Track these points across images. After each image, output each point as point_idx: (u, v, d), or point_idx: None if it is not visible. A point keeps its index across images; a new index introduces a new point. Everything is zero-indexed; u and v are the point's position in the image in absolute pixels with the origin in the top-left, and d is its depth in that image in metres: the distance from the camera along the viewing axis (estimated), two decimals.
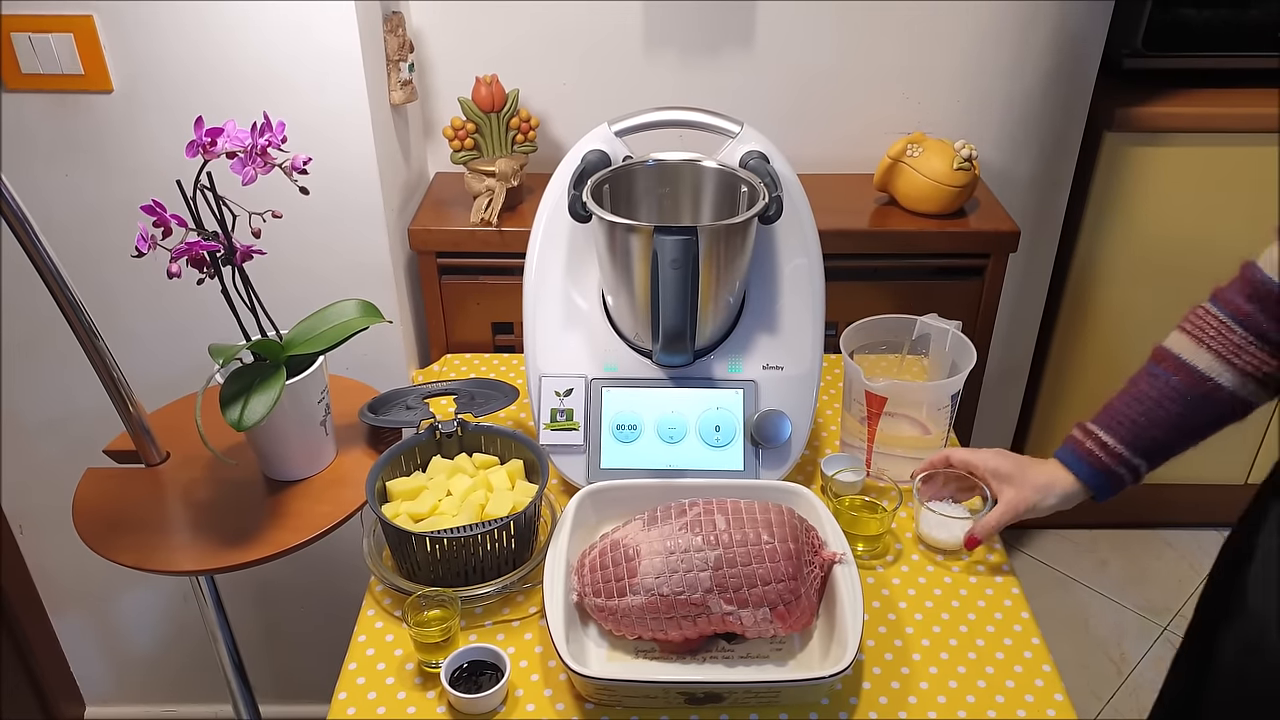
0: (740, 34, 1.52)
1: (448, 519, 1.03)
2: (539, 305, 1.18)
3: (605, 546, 0.98)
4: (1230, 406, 0.89)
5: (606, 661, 0.96)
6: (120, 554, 1.04)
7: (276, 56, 1.26)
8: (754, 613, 0.92)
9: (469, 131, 1.45)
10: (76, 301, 1.02)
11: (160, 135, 1.30)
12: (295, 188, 1.01)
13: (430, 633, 0.94)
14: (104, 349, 1.06)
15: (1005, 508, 1.01)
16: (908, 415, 1.18)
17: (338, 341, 1.09)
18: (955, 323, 1.19)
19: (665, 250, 1.02)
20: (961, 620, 1.02)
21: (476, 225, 1.46)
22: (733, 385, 1.15)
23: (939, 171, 1.47)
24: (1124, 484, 0.95)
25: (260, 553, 1.04)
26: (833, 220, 1.47)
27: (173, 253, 0.98)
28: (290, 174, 1.01)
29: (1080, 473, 0.97)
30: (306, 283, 1.38)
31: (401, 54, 1.39)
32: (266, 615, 1.75)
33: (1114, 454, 0.94)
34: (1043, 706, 0.93)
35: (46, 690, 1.76)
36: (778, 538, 0.94)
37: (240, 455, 1.16)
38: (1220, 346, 0.87)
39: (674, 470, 1.12)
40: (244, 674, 1.30)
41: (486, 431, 1.13)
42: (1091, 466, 0.96)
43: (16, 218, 0.96)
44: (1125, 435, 0.93)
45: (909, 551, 1.11)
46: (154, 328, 1.45)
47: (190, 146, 0.96)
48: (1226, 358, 0.87)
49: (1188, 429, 0.90)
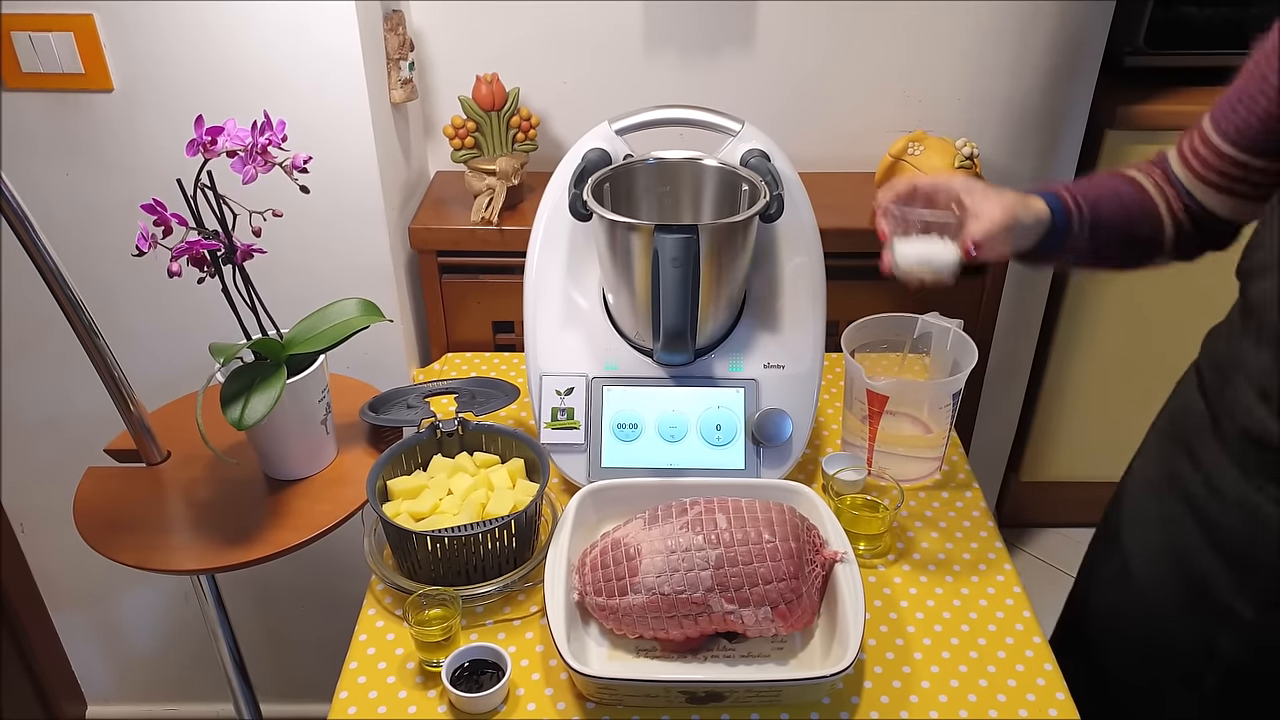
0: (741, 32, 1.52)
1: (448, 518, 1.03)
2: (539, 304, 1.18)
3: (606, 545, 0.98)
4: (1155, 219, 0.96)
5: (607, 661, 0.96)
6: (121, 553, 1.04)
7: (277, 55, 1.26)
8: (755, 612, 0.92)
9: (469, 130, 1.45)
10: (77, 300, 1.02)
11: (160, 134, 1.30)
12: (296, 187, 1.01)
13: (431, 632, 0.94)
14: (105, 348, 1.06)
15: (1001, 211, 0.93)
16: (909, 414, 1.18)
17: (338, 340, 1.09)
18: (956, 321, 1.19)
19: (666, 249, 1.02)
20: (963, 619, 1.02)
21: (477, 224, 1.46)
22: (734, 384, 1.15)
23: (940, 169, 1.47)
24: (1071, 223, 0.96)
25: (261, 552, 1.04)
26: (834, 219, 1.47)
27: (173, 251, 0.98)
28: (290, 173, 1.01)
29: (1044, 196, 0.97)
30: (307, 282, 1.38)
31: (402, 52, 1.39)
32: (267, 614, 1.75)
33: (1071, 193, 0.97)
34: (1044, 706, 0.93)
35: (48, 689, 1.76)
36: (779, 536, 0.93)
37: (241, 454, 1.16)
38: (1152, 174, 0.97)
39: (675, 469, 1.12)
40: (245, 673, 1.30)
41: (487, 430, 1.13)
42: (1054, 194, 0.97)
43: (17, 216, 0.96)
44: (1078, 189, 0.98)
45: (910, 551, 1.11)
46: (154, 327, 1.45)
47: (191, 145, 0.96)
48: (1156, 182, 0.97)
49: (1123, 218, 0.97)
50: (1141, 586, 1.02)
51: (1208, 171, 0.92)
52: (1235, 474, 0.89)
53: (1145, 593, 1.01)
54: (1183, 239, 0.97)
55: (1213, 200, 0.94)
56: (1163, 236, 0.97)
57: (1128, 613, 1.04)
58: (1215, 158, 0.91)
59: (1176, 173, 0.96)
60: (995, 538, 1.13)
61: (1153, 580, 1.00)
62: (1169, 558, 0.98)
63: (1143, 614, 1.02)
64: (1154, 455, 1.03)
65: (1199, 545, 0.94)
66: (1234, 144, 0.89)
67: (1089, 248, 0.96)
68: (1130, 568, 1.03)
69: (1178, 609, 0.97)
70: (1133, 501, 1.05)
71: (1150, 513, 1.01)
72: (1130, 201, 0.97)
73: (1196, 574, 0.94)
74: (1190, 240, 0.97)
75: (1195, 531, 0.94)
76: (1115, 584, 1.06)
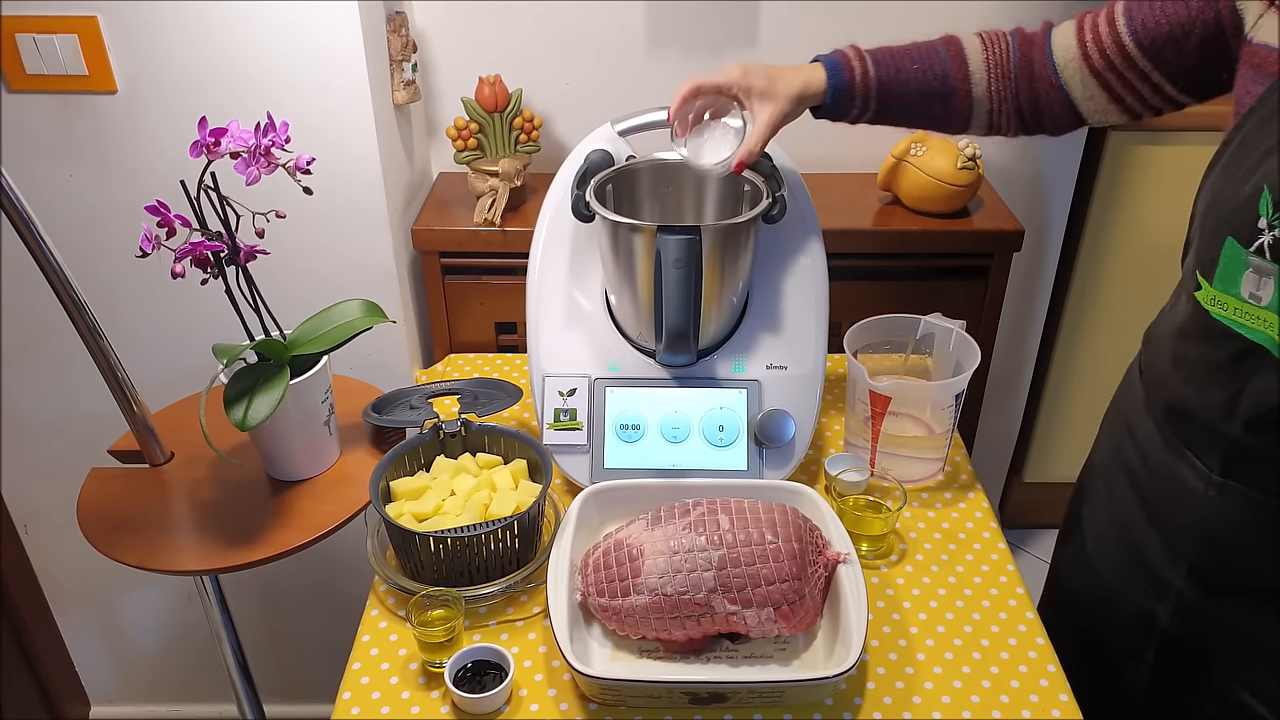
0: (743, 33, 1.52)
1: (451, 519, 1.03)
2: (542, 305, 1.18)
3: (609, 546, 0.98)
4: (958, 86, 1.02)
5: (610, 661, 0.96)
6: (125, 554, 1.05)
7: (280, 57, 1.26)
8: (758, 612, 0.92)
9: (472, 131, 1.45)
10: (81, 302, 1.03)
11: (164, 136, 1.31)
12: (299, 188, 1.01)
13: (434, 632, 0.94)
14: (108, 349, 1.06)
15: (765, 125, 1.04)
16: (912, 415, 1.18)
17: (341, 341, 1.09)
18: (959, 322, 1.19)
19: (668, 250, 1.02)
20: (966, 620, 1.02)
21: (480, 225, 1.46)
22: (736, 385, 1.15)
23: (943, 170, 1.47)
24: (851, 103, 1.04)
25: (264, 553, 1.04)
26: (836, 219, 1.47)
27: (177, 253, 0.98)
28: (294, 174, 1.01)
29: (831, 77, 1.04)
30: (310, 283, 1.39)
31: (405, 54, 1.39)
32: (271, 615, 1.75)
33: (861, 60, 1.04)
34: (1047, 707, 0.93)
35: (52, 690, 1.77)
36: (781, 537, 0.93)
37: (244, 455, 1.16)
38: (994, 63, 1.02)
39: (677, 470, 1.12)
40: (248, 674, 1.30)
41: (490, 431, 1.13)
42: (841, 76, 1.04)
43: (21, 218, 0.96)
44: (878, 56, 1.04)
45: (913, 552, 1.11)
46: (158, 328, 1.46)
47: (194, 147, 0.97)
48: (987, 53, 1.02)
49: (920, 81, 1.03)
50: (1091, 560, 1.06)
51: (1098, 55, 0.94)
52: (1160, 444, 0.93)
53: (1094, 565, 1.05)
54: (998, 116, 1.02)
55: (1081, 90, 0.97)
56: (956, 119, 1.04)
57: (1084, 586, 1.08)
58: (1113, 44, 0.93)
59: (1058, 48, 0.98)
60: (998, 539, 1.12)
61: (1100, 553, 1.05)
62: (1114, 530, 1.02)
63: (1095, 585, 1.05)
64: (1106, 435, 1.07)
65: (1136, 516, 0.98)
66: (1136, 39, 0.91)
67: (872, 119, 1.06)
68: (1086, 542, 1.07)
69: (1123, 581, 1.01)
70: (1087, 481, 1.10)
71: (1100, 489, 1.06)
72: (932, 82, 1.02)
73: (1135, 545, 0.98)
74: (1011, 117, 1.03)
75: (1134, 503, 0.98)
76: (1074, 561, 1.10)
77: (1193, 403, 0.88)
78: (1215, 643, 0.94)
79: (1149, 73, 0.93)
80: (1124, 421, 1.01)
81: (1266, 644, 0.91)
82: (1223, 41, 0.87)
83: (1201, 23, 0.87)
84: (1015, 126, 1.04)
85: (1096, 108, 0.98)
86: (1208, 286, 0.82)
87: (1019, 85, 1.01)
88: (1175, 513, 0.93)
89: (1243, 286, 0.78)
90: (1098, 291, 1.89)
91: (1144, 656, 1.00)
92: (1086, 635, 1.07)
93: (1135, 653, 1.01)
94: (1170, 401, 0.91)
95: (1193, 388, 0.87)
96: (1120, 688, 1.04)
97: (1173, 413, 0.91)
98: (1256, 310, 0.77)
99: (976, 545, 1.11)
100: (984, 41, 1.03)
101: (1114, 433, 1.04)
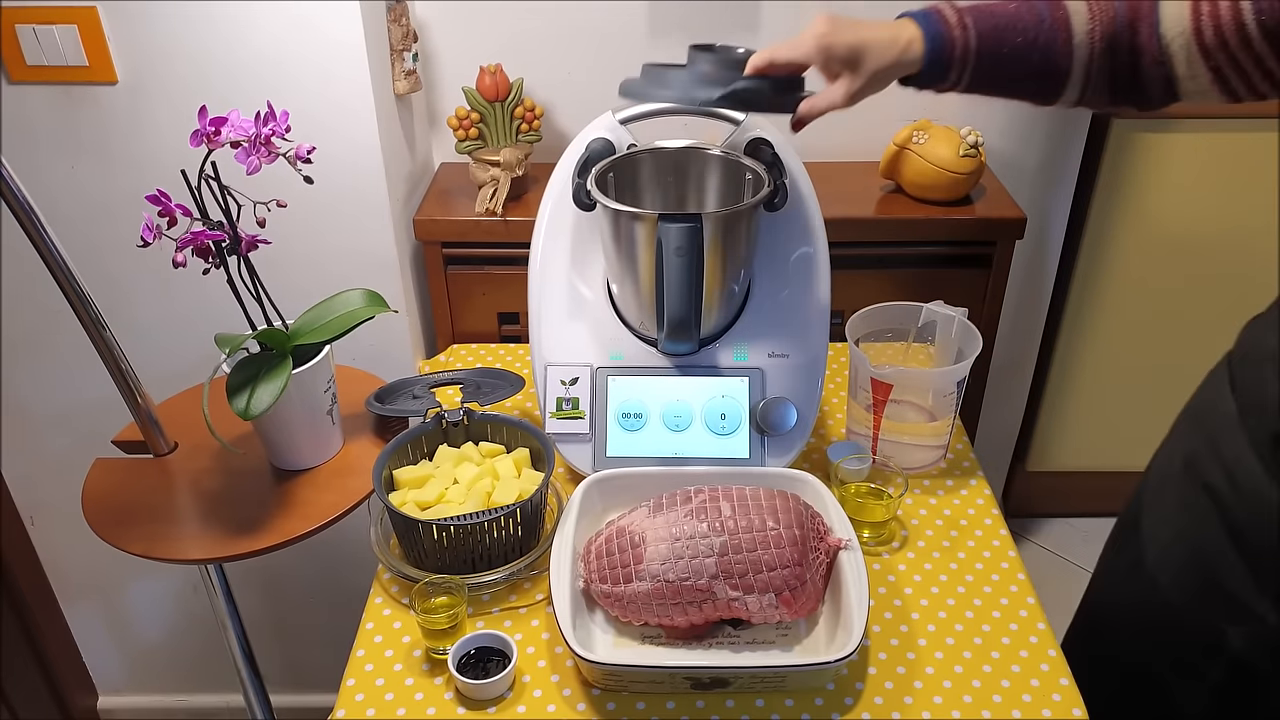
0: (745, 21, 1.52)
1: (454, 507, 1.03)
2: (544, 294, 1.18)
3: (611, 533, 0.98)
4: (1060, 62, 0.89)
5: (613, 647, 0.96)
6: (130, 543, 1.05)
7: (280, 47, 1.26)
8: (760, 598, 0.92)
9: (473, 121, 1.45)
10: (84, 293, 1.03)
11: (165, 126, 1.31)
12: (300, 177, 1.01)
13: (437, 620, 0.94)
14: (111, 340, 1.06)
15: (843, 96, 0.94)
16: (913, 402, 1.18)
17: (343, 331, 1.09)
18: (961, 310, 1.19)
19: (670, 238, 1.02)
20: (967, 606, 1.02)
21: (481, 215, 1.46)
22: (738, 373, 1.15)
23: (945, 158, 1.47)
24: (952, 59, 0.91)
25: (268, 541, 1.05)
26: (838, 207, 1.47)
27: (178, 242, 0.98)
28: (294, 163, 1.01)
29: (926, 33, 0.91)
30: (312, 273, 1.39)
31: (405, 44, 1.39)
32: (275, 605, 1.75)
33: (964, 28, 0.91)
34: (1047, 692, 0.93)
35: (59, 680, 1.78)
36: (783, 524, 0.94)
37: (247, 445, 1.17)
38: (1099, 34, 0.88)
39: (680, 458, 1.12)
40: (254, 663, 1.31)
41: (493, 420, 1.13)
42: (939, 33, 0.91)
43: (23, 209, 0.96)
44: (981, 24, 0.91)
45: (915, 539, 1.11)
46: (160, 318, 1.46)
47: (194, 136, 0.97)
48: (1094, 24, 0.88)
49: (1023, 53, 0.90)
50: (1153, 573, 1.01)
51: (1212, 33, 0.83)
52: (1257, 468, 0.87)
53: (1156, 579, 1.01)
54: (1094, 90, 0.91)
55: (1186, 67, 0.86)
56: (1049, 95, 0.92)
57: (1139, 600, 1.03)
58: (1232, 22, 0.82)
59: (1168, 19, 0.86)
60: (1000, 525, 1.13)
61: (1163, 567, 1.00)
62: (1183, 545, 0.98)
63: (1153, 601, 1.01)
64: (1178, 443, 1.01)
65: (1214, 536, 0.93)
66: (1261, 22, 0.80)
67: (969, 85, 0.93)
68: (1145, 554, 1.02)
69: (1187, 597, 0.97)
70: (1153, 489, 1.04)
71: (1168, 500, 1.00)
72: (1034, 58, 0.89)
73: (1209, 564, 0.94)
74: (1105, 91, 0.91)
75: (1213, 521, 0.93)
76: (1130, 571, 1.05)
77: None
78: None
79: (1265, 57, 0.82)
80: (1205, 433, 0.95)
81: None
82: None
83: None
84: (1105, 101, 0.92)
85: (1197, 87, 0.87)
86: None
87: (1119, 60, 0.88)
88: (1268, 540, 0.88)
89: None
90: (1101, 279, 1.88)
91: (1206, 677, 0.96)
92: (1132, 652, 1.04)
93: (1196, 673, 0.97)
94: (1277, 431, 0.85)
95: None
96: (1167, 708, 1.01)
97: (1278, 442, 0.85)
98: None
99: (978, 532, 1.12)
100: (1089, 6, 0.88)
101: (1189, 441, 0.97)
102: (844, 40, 0.90)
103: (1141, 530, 1.04)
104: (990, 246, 1.52)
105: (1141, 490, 1.07)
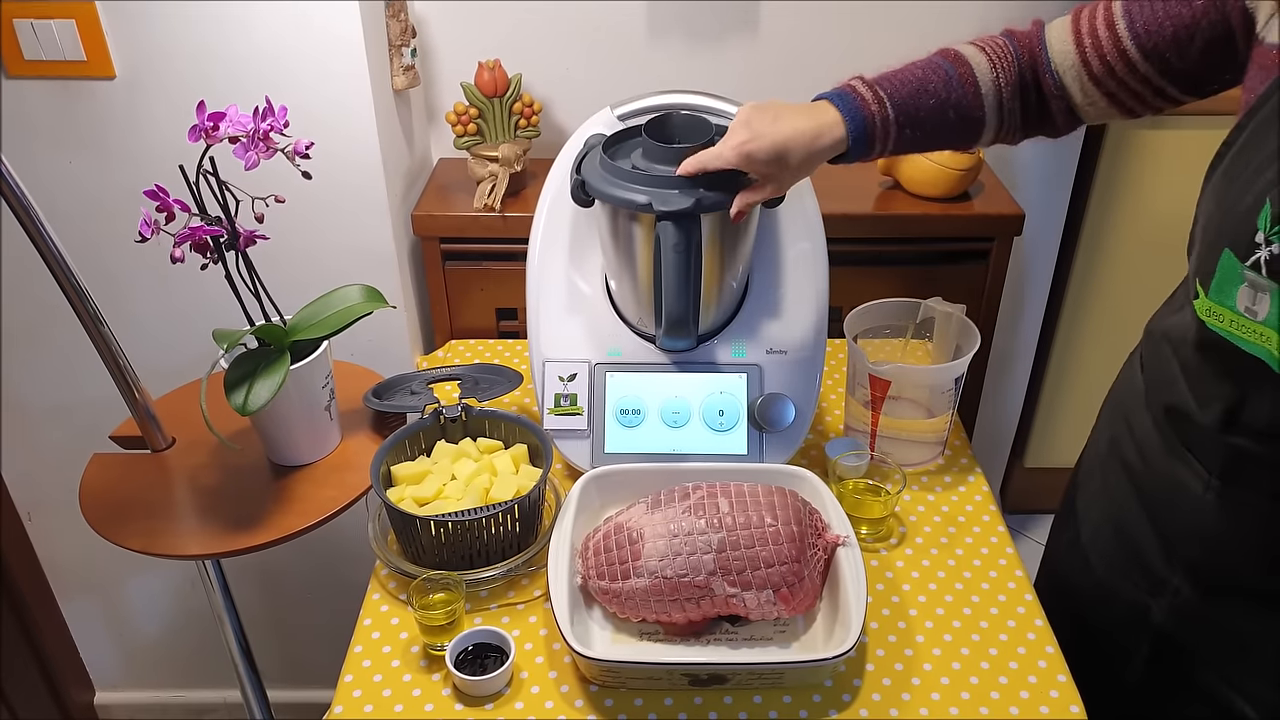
0: (744, 18, 1.52)
1: (452, 503, 1.03)
2: (542, 290, 1.18)
3: (609, 530, 0.98)
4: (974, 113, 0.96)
5: (611, 644, 0.96)
6: (128, 539, 1.05)
7: (278, 42, 1.25)
8: (757, 595, 0.92)
9: (472, 117, 1.45)
10: (82, 288, 1.03)
11: (163, 121, 1.30)
12: (298, 173, 1.01)
13: (435, 616, 0.94)
14: (109, 335, 1.06)
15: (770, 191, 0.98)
16: (912, 399, 1.18)
17: (341, 327, 1.09)
18: (959, 306, 1.19)
19: (668, 235, 1.02)
20: (965, 603, 1.02)
21: (480, 211, 1.46)
22: (736, 369, 1.15)
23: (943, 155, 1.46)
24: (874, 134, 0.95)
25: (266, 537, 1.05)
26: (837, 204, 1.47)
27: (176, 238, 0.98)
28: (293, 159, 1.01)
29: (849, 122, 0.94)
30: (310, 268, 1.39)
31: (404, 39, 1.38)
32: (273, 600, 1.76)
33: (880, 103, 0.95)
34: (1046, 688, 0.93)
35: (56, 675, 1.78)
36: (781, 520, 0.94)
37: (245, 440, 1.17)
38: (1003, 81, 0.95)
39: (678, 454, 1.12)
40: (251, 658, 1.31)
41: (491, 416, 1.13)
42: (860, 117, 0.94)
43: (21, 204, 0.96)
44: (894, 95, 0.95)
45: (913, 535, 1.11)
46: (158, 314, 1.46)
47: (193, 131, 0.97)
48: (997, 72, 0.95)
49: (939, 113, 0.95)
50: (1086, 551, 1.05)
51: (1098, 61, 0.90)
52: (1159, 443, 0.92)
53: (1088, 557, 1.05)
54: (1007, 129, 0.97)
55: (1081, 96, 0.93)
56: (968, 143, 0.99)
57: (1077, 577, 1.07)
58: (1113, 49, 0.89)
59: (1056, 54, 0.93)
60: (997, 522, 1.13)
61: (1095, 546, 1.04)
62: (1109, 524, 1.02)
63: (1088, 579, 1.05)
64: (1105, 427, 1.06)
65: (1134, 513, 0.97)
66: (1138, 43, 0.87)
67: (893, 151, 0.98)
68: (1080, 533, 1.07)
69: (1117, 576, 1.00)
70: (1085, 470, 1.09)
71: (1096, 482, 1.05)
72: (949, 114, 0.95)
73: (1131, 541, 0.98)
74: (1018, 129, 0.98)
75: (1131, 499, 0.97)
76: (1069, 549, 1.09)
77: (1192, 408, 0.86)
78: (1208, 643, 0.94)
79: (1150, 76, 0.89)
80: (1123, 415, 1.00)
81: (1260, 648, 0.90)
82: (1229, 42, 0.83)
83: (1207, 23, 0.83)
84: (1019, 136, 1.00)
85: (1097, 112, 0.94)
86: (1204, 297, 0.80)
87: (1028, 99, 0.96)
88: (1173, 513, 0.92)
89: (1238, 300, 0.76)
90: (1099, 276, 1.88)
91: (1137, 651, 0.99)
92: (1082, 623, 1.07)
93: (1128, 647, 1.00)
94: (1170, 404, 0.90)
95: (1193, 393, 0.86)
96: (1115, 677, 1.04)
97: (1172, 415, 0.90)
98: (1253, 324, 0.75)
99: (976, 528, 1.12)
100: (989, 58, 0.95)
101: (1112, 425, 1.03)
102: (764, 146, 0.93)
103: (1077, 510, 1.08)
104: (988, 243, 1.52)
105: (1076, 472, 1.12)
